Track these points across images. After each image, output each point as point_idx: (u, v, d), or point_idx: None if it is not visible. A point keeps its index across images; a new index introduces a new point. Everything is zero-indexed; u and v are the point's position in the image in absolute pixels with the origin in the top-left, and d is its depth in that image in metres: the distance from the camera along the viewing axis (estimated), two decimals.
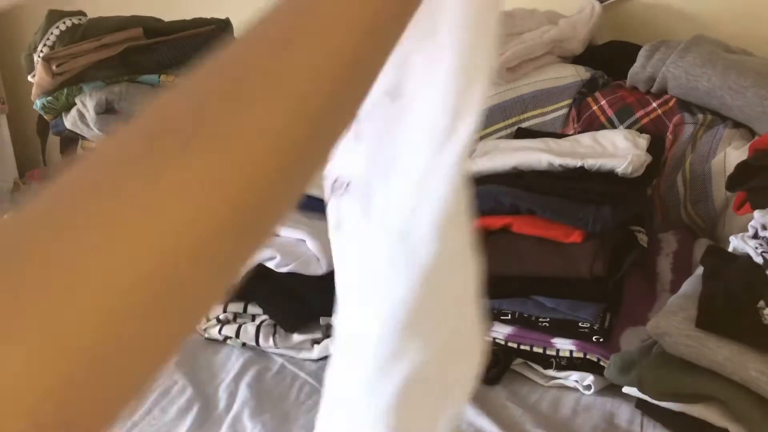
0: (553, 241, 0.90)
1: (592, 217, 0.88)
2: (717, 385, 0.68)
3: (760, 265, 0.75)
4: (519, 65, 1.25)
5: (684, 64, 1.09)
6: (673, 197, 1.12)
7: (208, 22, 1.36)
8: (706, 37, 1.14)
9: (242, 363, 1.00)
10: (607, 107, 1.18)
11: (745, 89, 1.04)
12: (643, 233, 1.01)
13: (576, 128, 1.19)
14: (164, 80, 1.22)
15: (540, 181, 0.97)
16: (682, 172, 1.10)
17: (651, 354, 0.76)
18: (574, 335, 0.88)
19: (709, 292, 0.74)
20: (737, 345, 0.67)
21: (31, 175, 1.34)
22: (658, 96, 1.16)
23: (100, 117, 1.19)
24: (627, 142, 1.01)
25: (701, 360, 0.69)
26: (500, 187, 0.96)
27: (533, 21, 1.32)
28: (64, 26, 1.30)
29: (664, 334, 0.72)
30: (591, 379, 0.86)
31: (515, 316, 0.92)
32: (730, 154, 1.04)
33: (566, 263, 0.88)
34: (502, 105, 1.26)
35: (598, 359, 0.86)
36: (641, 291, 0.98)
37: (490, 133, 1.27)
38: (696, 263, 0.95)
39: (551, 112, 1.23)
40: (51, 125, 1.32)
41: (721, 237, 1.04)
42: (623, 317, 0.92)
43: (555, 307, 0.90)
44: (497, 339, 0.92)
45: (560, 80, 1.24)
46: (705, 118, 1.11)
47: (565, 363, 0.88)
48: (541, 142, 1.06)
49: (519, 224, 0.93)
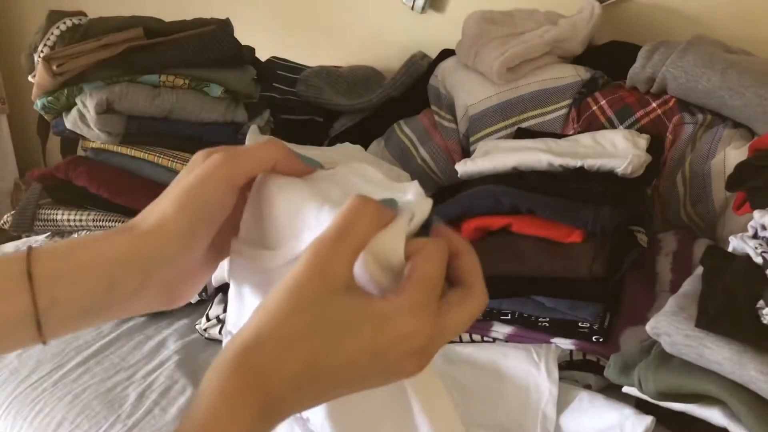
0: (553, 241, 0.90)
1: (592, 217, 0.88)
2: (717, 385, 0.68)
3: (760, 265, 0.75)
4: (519, 65, 1.25)
5: (684, 64, 1.09)
6: (673, 197, 1.12)
7: (209, 22, 1.36)
8: (706, 37, 1.14)
9: None
10: (607, 107, 1.18)
11: (745, 89, 1.04)
12: (643, 233, 1.01)
13: (576, 128, 1.19)
14: (164, 80, 1.22)
15: (540, 181, 0.97)
16: (682, 172, 1.11)
17: (651, 354, 0.76)
18: (573, 335, 0.88)
19: (708, 292, 0.74)
20: (737, 345, 0.67)
21: (31, 175, 1.34)
22: (657, 96, 1.16)
23: (101, 117, 1.19)
24: (627, 142, 1.01)
25: (701, 360, 0.69)
26: (500, 187, 0.96)
27: (533, 21, 1.32)
28: (65, 26, 1.30)
29: (664, 334, 0.72)
30: (591, 379, 0.86)
31: (515, 316, 0.92)
32: (730, 154, 1.05)
33: (566, 263, 0.89)
34: (502, 105, 1.26)
35: (598, 359, 0.86)
36: (641, 291, 0.98)
37: (490, 133, 1.27)
38: (696, 263, 0.95)
39: (551, 112, 1.23)
40: (51, 125, 1.32)
41: (721, 237, 1.04)
42: (623, 317, 0.92)
43: (555, 307, 0.90)
44: (497, 339, 0.93)
45: (560, 80, 1.24)
46: (705, 118, 1.11)
47: (565, 363, 0.88)
48: (541, 142, 1.06)
49: (519, 224, 0.93)
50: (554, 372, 0.82)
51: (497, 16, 1.34)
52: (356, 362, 0.35)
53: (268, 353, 0.34)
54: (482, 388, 0.82)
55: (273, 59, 1.66)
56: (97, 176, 1.25)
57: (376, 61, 1.69)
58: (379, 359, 0.35)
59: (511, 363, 0.84)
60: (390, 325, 0.35)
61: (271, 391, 0.34)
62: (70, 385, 0.97)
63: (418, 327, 0.35)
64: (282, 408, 0.34)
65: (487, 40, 1.27)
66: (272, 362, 0.34)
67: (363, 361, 0.35)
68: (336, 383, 0.35)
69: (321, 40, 1.92)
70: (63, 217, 1.27)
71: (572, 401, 0.79)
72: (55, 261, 0.38)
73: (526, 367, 0.83)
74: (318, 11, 1.89)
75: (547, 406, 0.78)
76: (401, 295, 0.35)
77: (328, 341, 0.34)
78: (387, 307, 0.35)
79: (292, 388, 0.34)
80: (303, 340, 0.34)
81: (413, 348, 0.35)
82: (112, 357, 1.04)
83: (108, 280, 0.39)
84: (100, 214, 1.24)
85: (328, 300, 0.35)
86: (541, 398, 0.79)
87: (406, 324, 0.35)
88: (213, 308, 1.07)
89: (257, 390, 0.33)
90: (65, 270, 0.38)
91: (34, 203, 1.29)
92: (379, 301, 0.36)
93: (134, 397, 0.93)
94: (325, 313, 0.35)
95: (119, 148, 1.27)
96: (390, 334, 0.35)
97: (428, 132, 1.38)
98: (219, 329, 1.04)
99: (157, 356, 1.03)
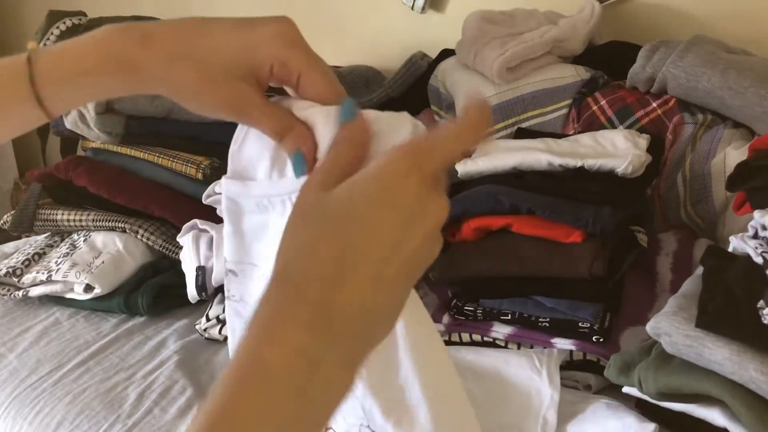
0: (553, 241, 0.90)
1: (592, 217, 0.88)
2: (717, 385, 0.68)
3: (760, 265, 0.75)
4: (519, 65, 1.25)
5: (684, 64, 1.09)
6: (673, 197, 1.12)
7: None
8: (706, 37, 1.14)
9: None
10: (607, 107, 1.18)
11: (745, 89, 1.04)
12: (643, 233, 1.01)
13: (576, 128, 1.19)
14: None
15: (540, 181, 0.97)
16: (682, 172, 1.10)
17: (651, 354, 0.76)
18: (573, 335, 0.88)
19: (708, 292, 0.74)
20: (737, 345, 0.67)
21: (31, 175, 1.34)
22: (658, 96, 1.16)
23: (101, 117, 1.19)
24: (627, 142, 1.01)
25: (701, 360, 0.69)
26: (500, 187, 0.96)
27: (533, 21, 1.32)
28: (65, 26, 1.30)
29: (664, 334, 0.72)
30: (591, 379, 0.86)
31: (515, 316, 0.92)
32: (730, 154, 1.04)
33: (566, 263, 0.88)
34: (502, 105, 1.26)
35: (598, 359, 0.86)
36: (641, 291, 0.98)
37: (490, 133, 1.27)
38: (696, 263, 0.95)
39: (551, 112, 1.23)
40: (51, 125, 1.32)
41: (721, 237, 1.04)
42: (623, 317, 0.92)
43: (555, 307, 0.90)
44: (497, 339, 0.92)
45: (560, 80, 1.24)
46: (705, 118, 1.11)
47: (565, 363, 0.88)
48: (541, 142, 1.06)
49: (519, 224, 0.93)
50: (556, 377, 0.82)
51: (497, 16, 1.34)
52: (378, 220, 0.36)
53: (296, 266, 0.36)
54: (484, 394, 0.82)
55: None
56: (97, 176, 1.25)
57: (376, 61, 1.69)
58: (394, 204, 0.37)
59: (512, 369, 0.84)
60: (381, 169, 0.37)
61: (313, 297, 0.35)
62: (70, 385, 0.97)
63: (411, 155, 0.38)
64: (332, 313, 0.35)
65: (487, 40, 1.27)
66: (302, 273, 0.36)
67: (386, 220, 0.36)
68: (374, 259, 0.36)
69: (321, 40, 1.91)
70: (63, 217, 1.27)
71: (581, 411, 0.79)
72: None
73: (528, 373, 0.83)
74: (318, 11, 1.89)
75: (548, 411, 0.78)
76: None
77: (344, 222, 0.36)
78: (378, 160, 0.38)
79: (329, 286, 0.35)
80: (323, 240, 0.36)
81: (409, 169, 0.37)
82: (112, 357, 1.04)
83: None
84: (100, 214, 1.24)
85: (324, 196, 0.38)
86: (542, 403, 0.79)
87: (400, 156, 0.37)
88: (213, 308, 1.07)
89: (300, 300, 0.35)
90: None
91: (34, 203, 1.29)
92: (359, 173, 0.38)
93: (134, 397, 0.93)
94: (327, 204, 0.37)
95: (119, 148, 1.27)
96: (392, 170, 0.37)
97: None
98: (219, 329, 1.04)
99: (157, 356, 1.03)
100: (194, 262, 1.07)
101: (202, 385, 0.96)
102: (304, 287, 0.35)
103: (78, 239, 1.25)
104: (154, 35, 0.44)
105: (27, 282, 1.18)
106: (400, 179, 0.37)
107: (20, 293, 1.18)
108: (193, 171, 1.21)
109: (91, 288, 1.15)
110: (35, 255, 1.24)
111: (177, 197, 1.23)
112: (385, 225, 0.36)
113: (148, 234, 1.21)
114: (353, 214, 0.36)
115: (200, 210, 1.15)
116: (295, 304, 0.35)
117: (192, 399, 0.92)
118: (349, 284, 0.36)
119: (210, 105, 0.45)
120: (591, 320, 0.87)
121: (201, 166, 1.20)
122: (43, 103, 0.44)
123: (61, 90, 0.45)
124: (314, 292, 0.35)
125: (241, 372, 0.34)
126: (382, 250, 0.36)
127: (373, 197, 0.36)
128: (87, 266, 1.16)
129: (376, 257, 0.36)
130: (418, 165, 0.37)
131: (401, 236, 0.36)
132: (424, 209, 0.37)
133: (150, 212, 1.22)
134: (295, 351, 0.34)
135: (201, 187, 1.15)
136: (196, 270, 1.06)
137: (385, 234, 0.36)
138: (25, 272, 1.20)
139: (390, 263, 0.36)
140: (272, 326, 0.35)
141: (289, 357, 0.34)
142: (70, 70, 0.44)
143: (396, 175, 0.37)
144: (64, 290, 1.17)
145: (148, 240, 1.21)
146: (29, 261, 1.23)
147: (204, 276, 1.06)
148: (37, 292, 1.18)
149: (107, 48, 0.44)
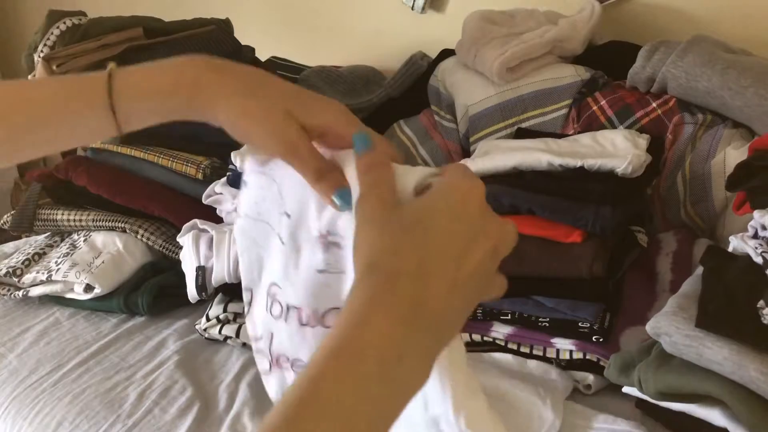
0: (553, 241, 0.90)
1: (592, 217, 0.88)
2: (717, 385, 0.68)
3: (760, 265, 0.75)
4: (519, 65, 1.25)
5: (684, 64, 1.09)
6: (673, 197, 1.12)
7: (208, 22, 1.36)
8: (706, 37, 1.14)
9: (242, 363, 1.00)
10: (607, 107, 1.18)
11: (745, 89, 1.04)
12: (643, 233, 1.01)
13: (576, 128, 1.19)
14: None
15: (540, 181, 0.97)
16: (681, 172, 1.10)
17: (651, 354, 0.76)
18: (574, 335, 0.88)
19: (708, 292, 0.74)
20: (737, 345, 0.67)
21: (31, 175, 1.34)
22: (658, 96, 1.16)
23: None
24: (627, 142, 1.01)
25: (701, 360, 0.69)
26: (500, 187, 0.96)
27: (533, 21, 1.32)
28: (65, 26, 1.30)
29: (664, 334, 0.72)
30: (591, 379, 0.86)
31: (515, 316, 0.92)
32: (730, 154, 1.04)
33: (566, 263, 0.89)
34: (502, 105, 1.26)
35: (598, 359, 0.86)
36: (641, 291, 0.98)
37: (490, 133, 1.27)
38: (696, 263, 0.95)
39: (551, 112, 1.23)
40: None
41: (721, 237, 1.04)
42: (623, 317, 0.92)
43: (555, 307, 0.90)
44: (497, 339, 0.92)
45: (560, 80, 1.24)
46: (705, 118, 1.11)
47: (565, 363, 0.88)
48: (541, 142, 1.06)
49: (519, 224, 0.92)
50: (559, 407, 0.81)
51: (497, 16, 1.34)
52: (449, 230, 0.40)
53: (382, 262, 0.39)
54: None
55: (273, 59, 1.66)
56: (97, 176, 1.25)
57: (376, 61, 1.69)
58: (461, 219, 0.41)
59: (518, 393, 0.83)
60: (451, 188, 0.43)
61: (404, 292, 0.38)
62: (70, 385, 0.97)
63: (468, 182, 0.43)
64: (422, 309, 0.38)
65: (487, 40, 1.27)
66: (390, 266, 0.39)
67: (455, 231, 0.41)
68: (449, 264, 0.40)
69: (321, 40, 1.92)
70: (63, 217, 1.27)
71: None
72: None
73: (532, 399, 0.82)
74: (318, 11, 1.89)
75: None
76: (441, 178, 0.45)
77: (421, 232, 0.40)
78: (441, 185, 0.43)
79: (417, 282, 0.38)
80: (404, 244, 0.40)
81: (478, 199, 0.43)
82: (112, 357, 1.04)
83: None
84: (100, 214, 1.25)
85: (395, 210, 0.42)
86: (542, 426, 0.79)
87: (459, 183, 0.43)
88: (213, 308, 1.07)
89: (392, 292, 0.38)
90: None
91: (34, 203, 1.29)
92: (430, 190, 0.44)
93: (134, 397, 0.93)
94: (402, 215, 0.41)
95: (119, 148, 1.27)
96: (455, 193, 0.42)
97: (428, 132, 1.38)
98: (219, 329, 1.04)
99: (157, 356, 1.03)
100: (194, 262, 1.07)
101: (202, 385, 0.96)
102: (394, 279, 0.38)
103: (78, 239, 1.25)
104: (227, 67, 0.50)
105: (27, 282, 1.18)
106: (466, 194, 0.42)
107: (20, 293, 1.18)
108: (193, 171, 1.21)
109: (91, 288, 1.15)
110: (35, 255, 1.24)
111: (177, 197, 1.23)
112: (455, 235, 0.40)
113: (148, 234, 1.21)
114: (428, 225, 0.40)
115: (200, 210, 1.15)
116: (389, 295, 0.38)
117: (192, 399, 0.92)
118: (433, 284, 0.39)
119: (261, 136, 0.48)
120: (591, 320, 0.87)
121: (201, 166, 1.20)
122: (116, 114, 0.49)
123: (134, 104, 0.49)
124: (404, 285, 0.38)
125: (337, 351, 0.36)
126: (454, 257, 0.40)
127: (444, 211, 0.41)
128: (87, 266, 1.16)
129: (450, 263, 0.40)
130: (477, 185, 0.43)
131: (468, 247, 0.41)
132: (485, 226, 0.42)
133: (150, 212, 1.22)
134: (389, 340, 0.37)
135: (201, 187, 1.16)
136: (196, 270, 1.06)
137: (456, 242, 0.40)
138: (25, 272, 1.20)
139: (461, 269, 0.40)
140: (367, 315, 0.37)
141: (384, 345, 0.36)
142: (145, 87, 0.49)
143: (460, 191, 0.42)
144: (64, 290, 1.17)
145: (148, 240, 1.21)
146: (29, 261, 1.23)
147: (204, 276, 1.06)
148: (37, 292, 1.18)
149: (182, 68, 0.49)
